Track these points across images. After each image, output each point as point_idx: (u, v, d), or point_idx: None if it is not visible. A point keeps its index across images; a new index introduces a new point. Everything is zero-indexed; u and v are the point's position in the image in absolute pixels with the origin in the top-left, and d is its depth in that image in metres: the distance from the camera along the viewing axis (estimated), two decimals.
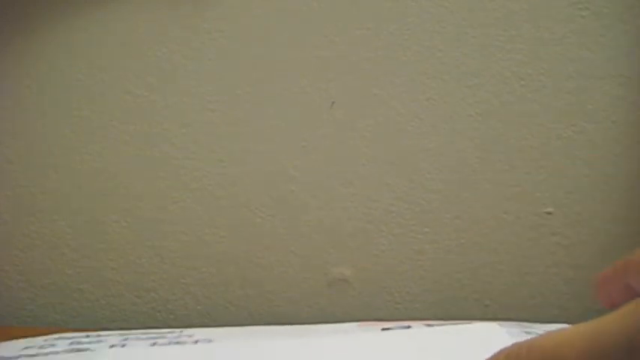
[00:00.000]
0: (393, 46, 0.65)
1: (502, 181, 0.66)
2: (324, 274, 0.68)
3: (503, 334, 0.32)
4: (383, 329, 0.35)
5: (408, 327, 0.35)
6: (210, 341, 0.34)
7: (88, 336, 0.37)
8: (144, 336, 0.36)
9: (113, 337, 0.36)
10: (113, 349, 0.33)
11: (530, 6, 0.64)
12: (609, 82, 0.64)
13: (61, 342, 0.36)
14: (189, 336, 0.35)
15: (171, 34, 0.66)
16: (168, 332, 0.36)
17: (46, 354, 0.34)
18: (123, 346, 0.34)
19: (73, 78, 0.66)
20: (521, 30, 0.64)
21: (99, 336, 0.36)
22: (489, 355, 0.29)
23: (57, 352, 0.33)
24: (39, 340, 0.36)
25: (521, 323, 0.38)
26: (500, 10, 0.64)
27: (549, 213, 0.66)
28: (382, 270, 0.68)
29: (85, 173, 0.68)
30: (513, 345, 0.24)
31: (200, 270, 0.69)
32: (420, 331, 0.33)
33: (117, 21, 0.65)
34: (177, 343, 0.34)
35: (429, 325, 0.35)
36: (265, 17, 0.65)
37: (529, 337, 0.33)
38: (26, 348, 0.35)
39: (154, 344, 0.34)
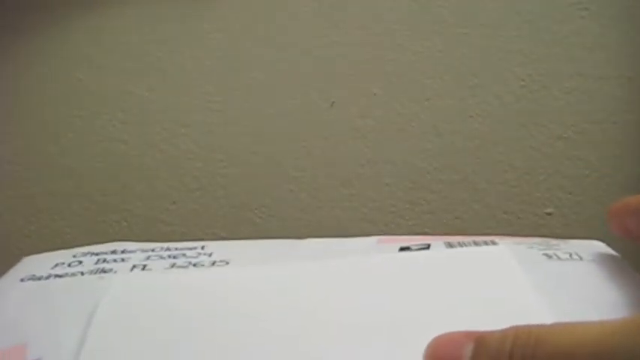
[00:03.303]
0: (393, 46, 0.65)
1: (502, 181, 0.66)
2: None
3: (514, 262, 0.31)
4: (401, 249, 0.34)
5: (427, 247, 0.34)
6: (227, 263, 0.34)
7: (114, 252, 0.37)
8: (165, 253, 0.35)
9: (137, 254, 0.36)
10: (130, 273, 0.33)
11: (530, 6, 0.64)
12: (609, 82, 0.64)
13: (88, 259, 0.36)
14: (209, 255, 0.35)
15: (171, 34, 0.65)
16: (189, 249, 0.36)
17: (73, 274, 0.34)
18: (143, 267, 0.34)
19: (73, 78, 0.66)
20: (521, 30, 0.64)
21: (124, 252, 0.36)
22: (497, 278, 0.29)
23: (82, 273, 0.34)
24: (68, 255, 0.37)
25: (543, 243, 0.35)
26: (500, 10, 0.64)
27: (549, 213, 0.66)
28: None
29: (85, 173, 0.68)
30: (524, 327, 0.23)
31: None
32: (435, 257, 0.32)
33: (117, 21, 0.65)
34: (195, 265, 0.34)
35: (448, 245, 0.33)
36: (265, 17, 0.65)
37: (549, 262, 0.32)
38: (56, 266, 0.35)
39: (173, 265, 0.34)
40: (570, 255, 0.33)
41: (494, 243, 0.33)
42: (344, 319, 0.27)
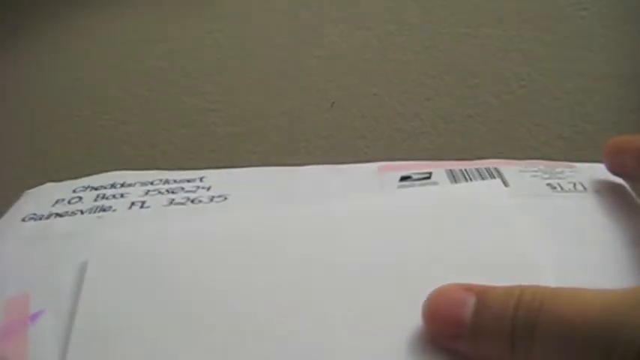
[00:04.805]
0: (393, 46, 0.65)
1: None
2: None
3: (514, 201, 0.30)
4: (402, 178, 0.33)
5: (429, 176, 0.33)
6: (225, 199, 0.33)
7: (113, 185, 0.37)
8: (164, 187, 0.35)
9: (136, 188, 0.36)
10: (129, 211, 0.33)
11: (531, 6, 0.64)
12: (609, 82, 0.64)
13: (87, 195, 0.36)
14: (207, 188, 0.34)
15: (171, 34, 0.66)
16: (187, 181, 0.36)
17: (73, 212, 0.34)
18: (142, 204, 0.34)
19: (73, 78, 0.66)
20: (521, 30, 0.64)
21: (123, 185, 0.36)
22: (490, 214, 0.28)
23: (82, 212, 0.34)
24: (69, 190, 0.37)
25: (547, 170, 0.35)
26: (500, 10, 0.64)
27: None
28: None
29: (85, 173, 0.68)
30: (528, 290, 0.22)
31: None
32: (433, 196, 0.31)
33: (117, 21, 0.65)
34: (193, 201, 0.33)
35: (450, 174, 0.33)
36: (265, 17, 0.65)
37: (552, 194, 0.31)
38: (56, 203, 0.35)
39: (172, 201, 0.34)
40: (574, 185, 0.33)
41: (497, 171, 0.33)
42: (340, 269, 0.27)
